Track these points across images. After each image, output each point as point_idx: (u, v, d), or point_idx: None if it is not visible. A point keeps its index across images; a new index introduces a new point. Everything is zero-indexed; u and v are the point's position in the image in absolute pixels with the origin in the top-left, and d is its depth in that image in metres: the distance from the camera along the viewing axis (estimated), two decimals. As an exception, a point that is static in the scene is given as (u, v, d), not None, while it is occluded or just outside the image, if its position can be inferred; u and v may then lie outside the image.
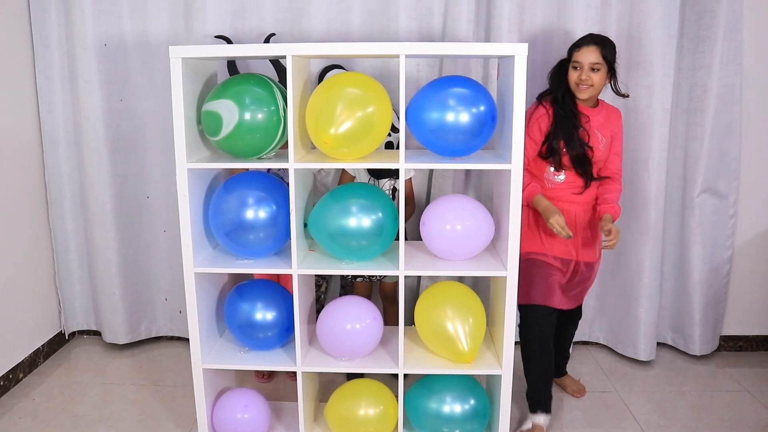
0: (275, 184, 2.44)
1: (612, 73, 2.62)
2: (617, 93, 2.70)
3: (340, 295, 3.33)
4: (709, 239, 3.32)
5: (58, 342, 3.60)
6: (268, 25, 3.17)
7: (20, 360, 3.23)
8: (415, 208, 3.14)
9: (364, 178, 2.94)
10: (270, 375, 3.25)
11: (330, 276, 3.35)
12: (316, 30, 3.15)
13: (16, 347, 3.23)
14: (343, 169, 3.00)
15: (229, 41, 2.99)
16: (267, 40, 3.01)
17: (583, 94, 2.59)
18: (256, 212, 2.35)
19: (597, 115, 2.67)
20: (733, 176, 3.28)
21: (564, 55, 3.18)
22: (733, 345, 3.55)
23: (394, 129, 2.76)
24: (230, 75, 2.96)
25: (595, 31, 3.09)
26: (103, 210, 3.38)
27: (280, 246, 2.49)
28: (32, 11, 3.28)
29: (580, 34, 3.06)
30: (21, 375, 3.23)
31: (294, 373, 3.08)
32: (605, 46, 2.56)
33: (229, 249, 2.47)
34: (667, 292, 3.46)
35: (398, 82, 2.18)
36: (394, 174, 2.93)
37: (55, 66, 3.35)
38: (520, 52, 2.15)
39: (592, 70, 2.55)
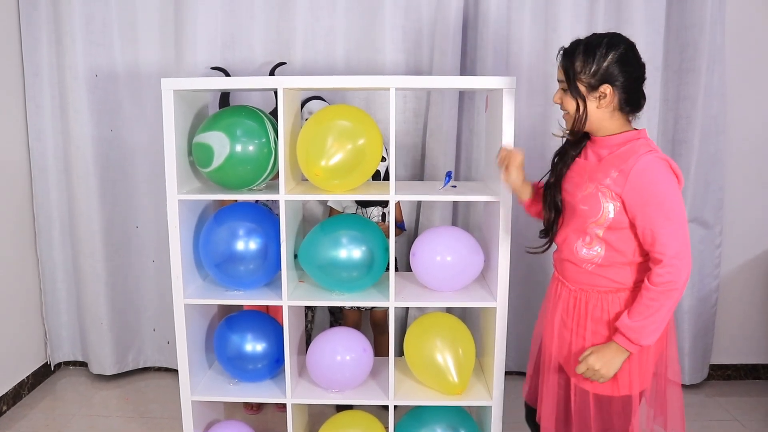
0: (265, 215, 2.44)
1: (580, 89, 1.77)
2: (574, 128, 1.83)
3: (330, 323, 3.32)
4: (696, 269, 3.34)
5: (44, 373, 3.55)
6: (258, 57, 3.21)
7: (4, 392, 3.18)
8: (405, 229, 3.17)
9: (352, 208, 2.95)
10: (259, 406, 3.22)
11: (316, 306, 3.34)
12: (303, 62, 3.18)
13: (0, 379, 3.18)
14: (330, 207, 3.01)
15: (226, 73, 3.01)
16: (273, 71, 3.02)
17: (566, 125, 1.89)
18: (247, 244, 2.35)
19: (599, 149, 1.83)
20: (719, 206, 3.31)
21: (551, 86, 3.23)
22: (722, 374, 3.56)
23: (381, 158, 2.78)
24: (221, 107, 2.98)
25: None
26: (91, 239, 3.36)
27: (271, 277, 2.48)
28: (24, 40, 3.30)
29: (566, 66, 3.12)
30: (5, 407, 3.18)
31: (283, 405, 3.06)
32: (568, 55, 1.79)
33: (219, 280, 2.46)
34: (655, 321, 3.47)
35: (383, 113, 2.20)
36: (381, 203, 2.94)
37: (46, 95, 3.36)
38: (508, 86, 2.18)
39: (563, 90, 1.83)
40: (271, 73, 3.01)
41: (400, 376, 2.59)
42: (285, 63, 3.09)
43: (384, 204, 2.94)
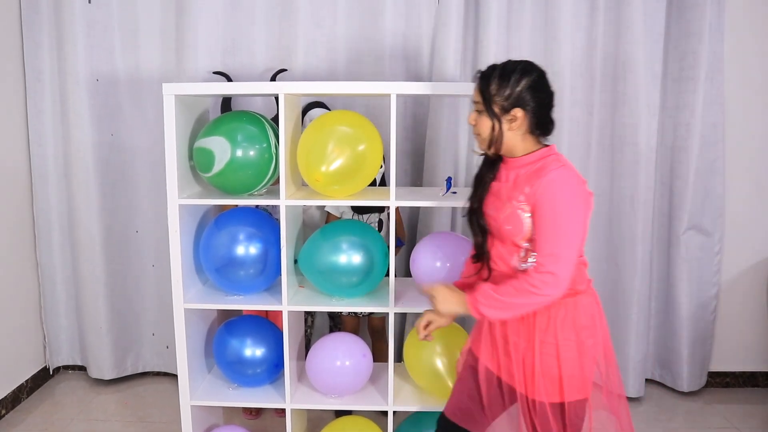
0: (265, 220, 2.45)
1: (500, 114, 1.80)
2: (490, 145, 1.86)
3: (330, 328, 3.32)
4: (696, 276, 3.35)
5: (42, 377, 3.54)
6: (259, 63, 3.22)
7: (3, 396, 3.18)
8: (405, 235, 3.17)
9: (349, 213, 2.95)
10: (258, 411, 3.22)
11: (315, 311, 3.34)
12: (305, 68, 3.19)
13: (-1, 383, 3.19)
14: (328, 212, 3.01)
15: (228, 78, 3.02)
16: (274, 78, 3.03)
17: (481, 146, 1.91)
18: (247, 248, 2.36)
19: (512, 170, 1.87)
20: (718, 213, 3.32)
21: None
22: (720, 381, 3.56)
23: None
24: (222, 111, 2.99)
25: (580, 71, 3.18)
26: (91, 244, 3.37)
27: (271, 282, 2.49)
28: (25, 45, 3.31)
29: (566, 73, 3.15)
30: (3, 412, 3.18)
31: (282, 410, 3.04)
32: (485, 78, 1.83)
33: (219, 285, 2.47)
34: (654, 329, 3.47)
35: (384, 119, 2.20)
36: (378, 209, 2.94)
37: (47, 100, 3.36)
38: (508, 93, 2.18)
39: (478, 112, 1.86)
40: (272, 80, 3.03)
41: (400, 381, 2.59)
42: (286, 70, 3.10)
43: (381, 210, 2.94)
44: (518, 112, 1.78)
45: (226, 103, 3.04)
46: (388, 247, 2.37)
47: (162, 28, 3.28)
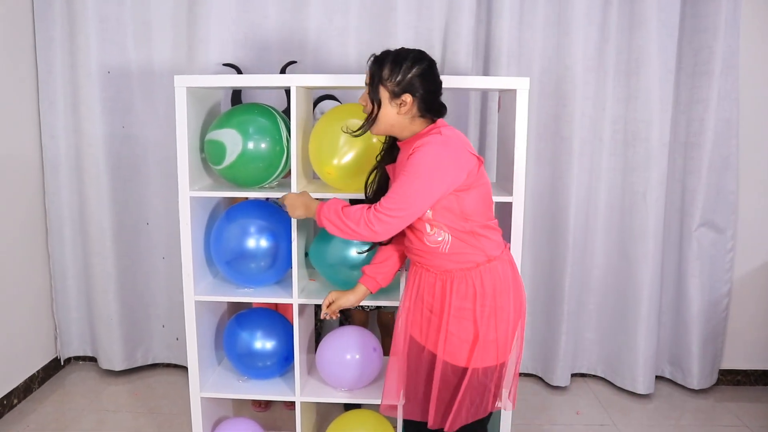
0: (276, 213, 2.45)
1: (381, 94, 1.88)
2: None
3: (340, 322, 3.32)
4: (707, 273, 3.33)
5: (54, 368, 3.57)
6: (271, 55, 3.22)
7: (15, 386, 3.20)
8: None
9: None
10: (267, 404, 3.22)
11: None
12: (316, 61, 3.19)
13: (11, 373, 3.20)
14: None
15: (238, 70, 3.02)
16: (284, 69, 3.03)
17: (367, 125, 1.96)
18: (258, 241, 2.36)
19: (403, 152, 1.96)
20: (731, 210, 3.30)
21: (563, 88, 3.23)
22: (731, 379, 3.54)
23: None
24: (233, 104, 2.99)
25: (593, 65, 3.16)
26: (102, 236, 3.38)
27: (281, 275, 2.49)
28: (37, 38, 3.32)
29: (578, 68, 3.13)
30: (15, 401, 3.20)
31: (291, 403, 3.06)
32: (378, 62, 1.90)
33: (229, 277, 2.47)
34: (665, 325, 3.45)
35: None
36: None
37: (59, 92, 3.37)
38: (522, 86, 2.18)
39: (368, 93, 1.93)
40: (282, 72, 3.02)
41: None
42: (296, 62, 3.09)
43: None
44: (407, 98, 1.86)
45: (237, 95, 3.04)
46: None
47: (174, 21, 3.28)
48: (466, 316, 1.91)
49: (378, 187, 2.08)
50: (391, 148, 2.05)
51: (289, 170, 2.32)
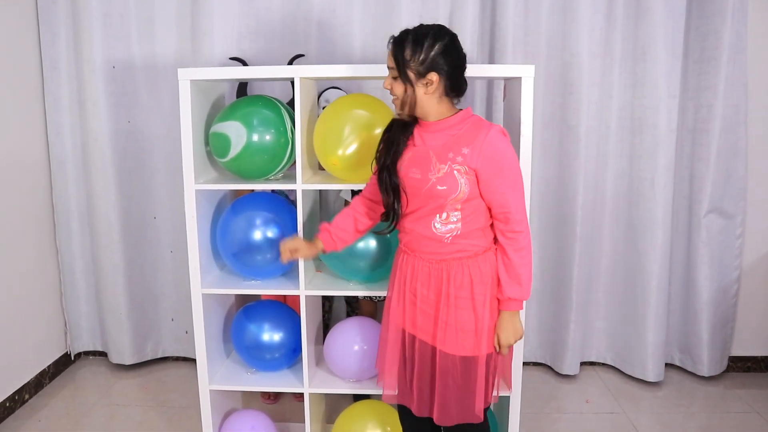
0: (282, 205, 2.44)
1: (409, 76, 1.83)
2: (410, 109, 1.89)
3: (347, 313, 3.32)
4: (717, 259, 3.31)
5: (64, 363, 3.59)
6: (274, 48, 3.21)
7: (26, 381, 3.23)
8: None
9: None
10: (276, 396, 3.24)
11: (333, 296, 3.34)
12: (320, 53, 3.18)
13: (22, 368, 3.23)
14: (345, 200, 3.01)
15: (244, 63, 3.01)
16: (291, 63, 3.02)
17: (397, 108, 1.94)
18: (264, 233, 2.36)
19: (437, 133, 1.90)
20: (740, 196, 3.27)
21: (569, 76, 3.21)
22: (741, 366, 3.53)
23: None
24: (238, 98, 2.98)
25: (599, 52, 3.13)
26: (109, 230, 3.39)
27: (288, 267, 2.49)
28: (42, 34, 3.32)
29: (584, 55, 3.11)
30: (27, 396, 3.22)
31: (300, 394, 3.07)
32: (399, 44, 1.85)
33: (236, 270, 2.47)
34: (674, 313, 3.44)
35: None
36: None
37: (64, 88, 3.38)
38: (527, 74, 2.16)
39: (394, 78, 1.89)
40: (289, 65, 3.01)
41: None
42: (303, 55, 3.08)
43: None
44: (433, 76, 1.82)
45: (242, 89, 3.03)
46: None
47: (177, 15, 3.27)
48: (463, 306, 1.90)
49: (393, 166, 1.96)
50: (405, 126, 1.96)
51: (294, 162, 2.32)
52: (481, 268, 1.90)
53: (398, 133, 1.97)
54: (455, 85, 1.87)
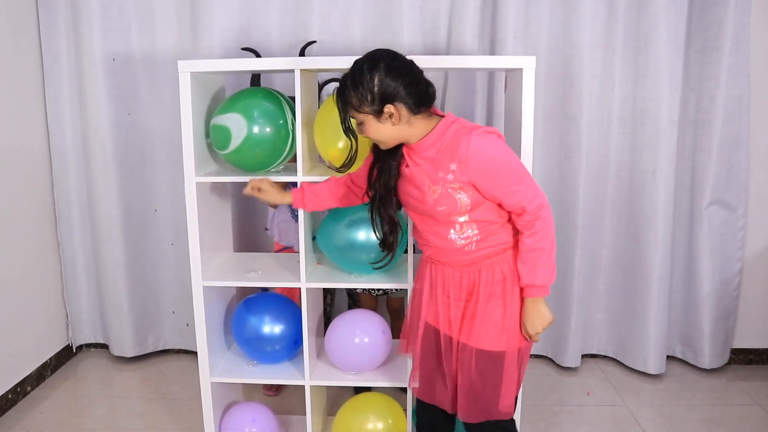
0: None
1: (375, 116, 1.77)
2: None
3: (349, 305, 3.32)
4: (719, 251, 3.30)
5: (66, 355, 3.60)
6: (274, 40, 3.20)
7: (28, 373, 3.23)
8: None
9: None
10: (278, 388, 3.24)
11: (335, 288, 3.34)
12: (320, 44, 3.16)
13: (24, 360, 3.23)
14: None
15: (257, 54, 2.99)
16: (303, 51, 3.00)
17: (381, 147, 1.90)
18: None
19: (423, 151, 1.83)
20: (742, 188, 3.26)
21: (570, 68, 3.19)
22: (743, 358, 3.52)
23: None
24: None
25: (600, 43, 3.12)
26: (110, 223, 3.39)
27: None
28: (42, 27, 3.31)
29: (586, 47, 3.09)
30: (29, 388, 3.23)
31: (302, 386, 3.07)
32: (341, 95, 1.80)
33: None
34: (676, 305, 3.44)
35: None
36: None
37: (64, 81, 3.37)
38: (528, 65, 2.15)
39: (359, 124, 1.83)
40: (301, 53, 2.99)
41: (418, 358, 2.59)
42: (315, 42, 3.05)
43: None
44: (390, 108, 1.75)
45: (255, 81, 3.01)
46: (407, 224, 2.35)
47: (177, 7, 3.25)
48: (495, 300, 1.86)
49: (389, 195, 1.95)
50: (393, 150, 1.90)
51: (295, 154, 2.31)
52: (511, 263, 1.87)
53: (388, 160, 1.92)
54: (418, 100, 1.77)
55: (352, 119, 1.85)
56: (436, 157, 1.79)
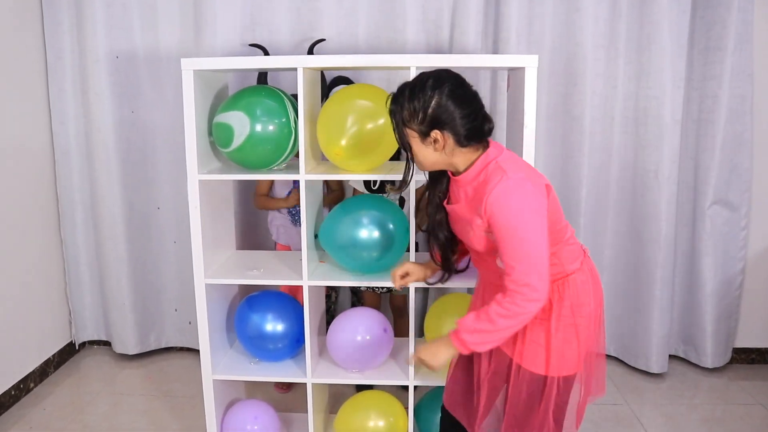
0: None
1: (409, 136, 1.72)
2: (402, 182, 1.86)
3: (352, 303, 3.33)
4: (721, 251, 3.30)
5: (69, 352, 3.61)
6: (278, 38, 3.20)
7: (31, 370, 3.24)
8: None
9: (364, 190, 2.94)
10: (289, 386, 3.24)
11: (339, 286, 3.34)
12: (324, 42, 3.16)
13: (27, 357, 3.24)
14: (354, 188, 3.01)
15: (265, 51, 3.00)
16: (311, 48, 3.01)
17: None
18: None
19: (463, 187, 1.78)
20: (745, 187, 3.26)
21: (573, 67, 3.18)
22: (745, 357, 3.52)
23: None
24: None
25: (603, 42, 3.12)
26: (113, 221, 3.40)
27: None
28: (45, 24, 3.32)
29: (589, 46, 3.09)
30: (32, 385, 3.24)
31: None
32: (396, 101, 1.73)
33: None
34: (678, 305, 3.43)
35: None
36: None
37: (68, 78, 3.38)
38: (530, 64, 2.15)
39: (401, 138, 1.77)
40: (310, 51, 2.99)
41: (420, 356, 2.59)
42: (324, 39, 3.04)
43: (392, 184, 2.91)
44: (436, 134, 1.68)
45: (262, 79, 3.01)
46: (409, 222, 2.35)
47: (180, 5, 3.26)
48: (541, 324, 1.79)
49: (439, 225, 1.91)
50: (436, 180, 1.87)
51: (298, 152, 2.31)
52: (562, 294, 1.78)
53: (433, 190, 1.89)
54: (469, 134, 1.68)
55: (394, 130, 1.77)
56: (473, 196, 1.72)
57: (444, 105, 1.65)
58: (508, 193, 1.63)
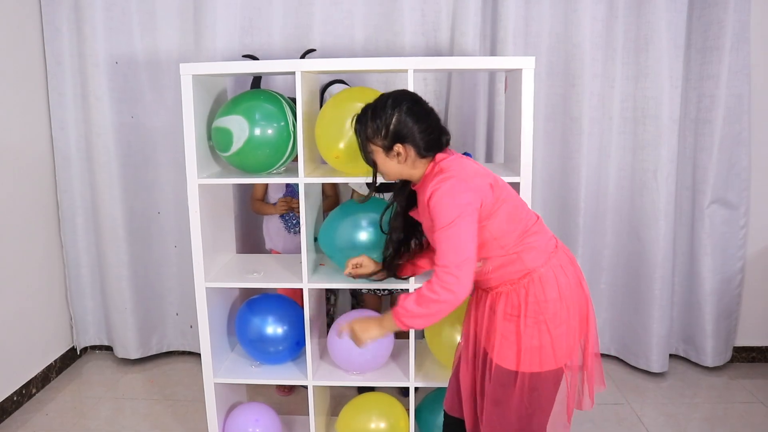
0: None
1: (374, 152, 1.88)
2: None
3: (352, 306, 3.33)
4: (720, 250, 3.31)
5: (71, 357, 3.61)
6: (276, 42, 3.21)
7: (33, 375, 3.25)
8: None
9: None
10: (291, 389, 3.25)
11: (339, 289, 3.35)
12: (322, 46, 3.18)
13: (29, 362, 3.25)
14: (353, 190, 3.02)
15: (256, 60, 3.00)
16: (304, 56, 3.02)
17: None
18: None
19: (421, 193, 1.89)
20: (743, 186, 3.27)
21: (571, 67, 3.19)
22: (746, 356, 3.53)
23: None
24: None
25: (601, 42, 3.13)
26: (114, 226, 3.40)
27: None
28: (45, 29, 3.33)
29: (586, 46, 3.10)
30: (34, 390, 3.25)
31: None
32: (360, 122, 1.88)
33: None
34: (678, 304, 3.44)
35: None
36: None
37: (68, 83, 3.39)
38: (527, 66, 2.16)
39: (368, 153, 1.92)
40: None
41: (421, 358, 2.60)
42: (314, 50, 3.06)
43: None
44: (399, 148, 1.82)
45: (256, 83, 3.02)
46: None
47: (180, 9, 3.27)
48: (512, 321, 1.85)
49: (404, 228, 2.07)
50: (400, 189, 2.02)
51: (297, 155, 2.32)
52: (529, 291, 1.83)
53: (396, 198, 2.04)
54: (428, 146, 1.84)
55: (360, 148, 1.91)
56: (426, 199, 1.81)
57: (404, 121, 1.81)
58: (439, 195, 1.75)
